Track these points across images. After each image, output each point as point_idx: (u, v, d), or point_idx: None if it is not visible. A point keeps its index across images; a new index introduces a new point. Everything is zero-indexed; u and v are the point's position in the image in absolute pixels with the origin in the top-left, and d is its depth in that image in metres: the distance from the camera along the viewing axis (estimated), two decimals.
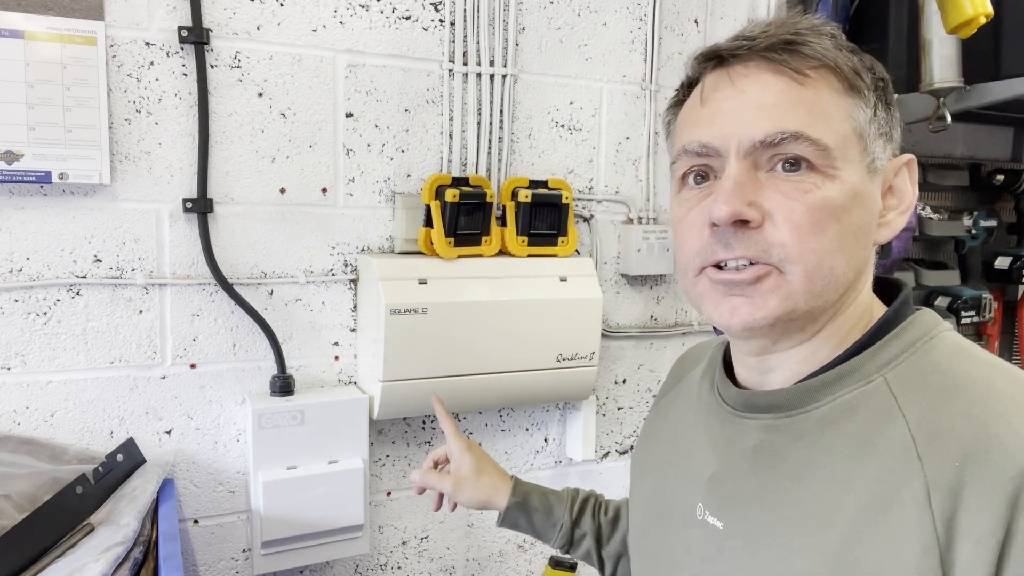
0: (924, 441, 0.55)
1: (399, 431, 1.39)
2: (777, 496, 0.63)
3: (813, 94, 0.61)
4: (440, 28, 1.34)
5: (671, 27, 1.56)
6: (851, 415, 0.60)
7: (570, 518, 0.99)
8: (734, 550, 0.65)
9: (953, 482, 0.53)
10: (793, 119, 0.60)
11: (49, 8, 1.06)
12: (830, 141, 0.60)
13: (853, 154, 0.61)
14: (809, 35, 0.62)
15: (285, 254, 1.26)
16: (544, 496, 1.01)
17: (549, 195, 1.36)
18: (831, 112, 0.61)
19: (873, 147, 0.63)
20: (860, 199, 0.61)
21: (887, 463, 0.56)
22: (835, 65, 0.61)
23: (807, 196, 0.59)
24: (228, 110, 1.20)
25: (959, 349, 0.61)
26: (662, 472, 0.79)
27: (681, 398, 0.82)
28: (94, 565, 0.87)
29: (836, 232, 0.60)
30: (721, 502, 0.67)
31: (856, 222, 0.61)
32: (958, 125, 1.86)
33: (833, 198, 0.59)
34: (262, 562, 1.22)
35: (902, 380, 0.60)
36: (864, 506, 0.56)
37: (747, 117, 0.61)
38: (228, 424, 1.25)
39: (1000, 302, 1.97)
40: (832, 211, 0.59)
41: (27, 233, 1.10)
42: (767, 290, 0.60)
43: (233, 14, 1.19)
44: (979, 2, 1.23)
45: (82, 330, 1.14)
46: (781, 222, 0.59)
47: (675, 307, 1.63)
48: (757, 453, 0.65)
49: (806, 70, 0.61)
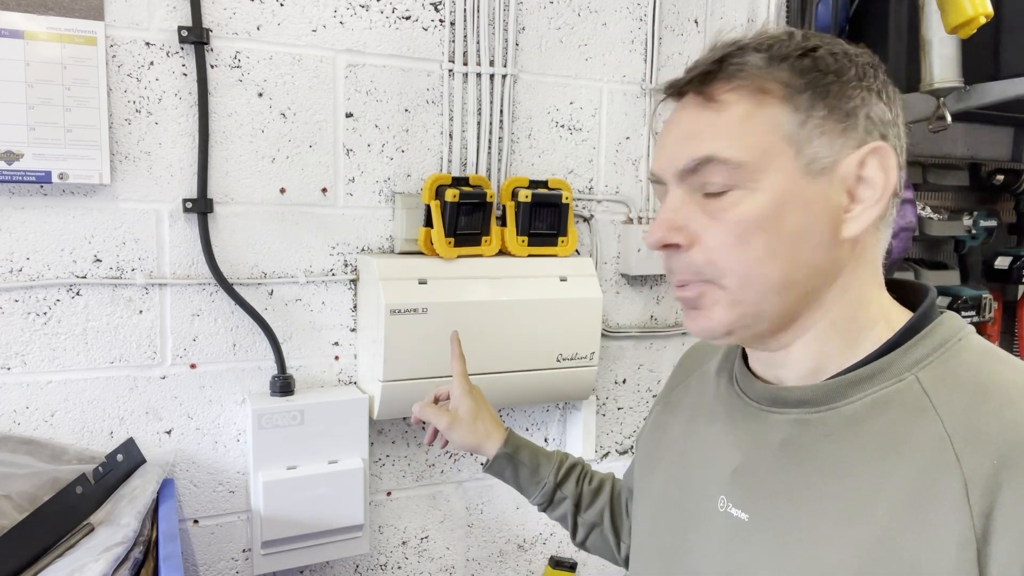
0: (961, 440, 0.57)
1: (399, 431, 1.39)
2: (806, 490, 0.64)
3: (726, 116, 0.64)
4: (440, 28, 1.34)
5: (671, 27, 1.56)
6: (883, 412, 0.62)
7: (554, 480, 1.03)
8: (762, 542, 0.66)
9: (990, 480, 0.55)
10: (705, 144, 0.64)
11: (49, 8, 1.06)
12: (744, 156, 0.63)
13: (780, 162, 0.63)
14: (734, 56, 0.65)
15: (285, 254, 1.26)
16: (534, 454, 1.05)
17: (549, 195, 1.36)
18: (746, 128, 0.63)
19: (811, 149, 0.63)
20: (793, 204, 0.63)
21: (922, 460, 0.58)
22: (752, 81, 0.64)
23: (726, 215, 0.63)
24: (228, 110, 1.20)
25: (987, 351, 0.64)
26: (675, 466, 0.80)
27: (692, 392, 0.84)
28: (94, 565, 0.87)
29: (763, 241, 0.63)
30: (746, 495, 0.69)
31: (791, 227, 0.63)
32: (958, 125, 1.86)
33: (752, 211, 0.63)
34: (262, 562, 1.22)
35: (934, 379, 0.62)
36: (900, 502, 0.58)
37: (674, 147, 0.67)
38: (228, 424, 1.25)
39: (1000, 302, 1.97)
40: (754, 223, 0.63)
41: (27, 233, 1.10)
42: (710, 304, 0.66)
43: (233, 14, 1.19)
44: (979, 2, 1.23)
45: (82, 330, 1.15)
46: (707, 243, 0.65)
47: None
48: (785, 447, 0.67)
49: (720, 94, 0.65)
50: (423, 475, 1.42)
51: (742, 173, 0.63)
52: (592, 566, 1.60)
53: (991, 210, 1.92)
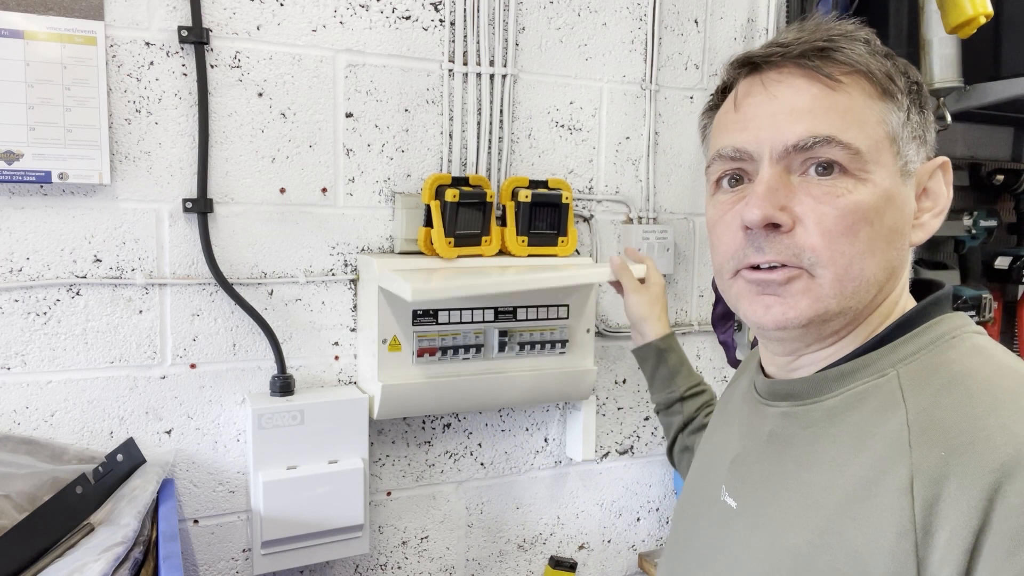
0: (918, 431, 0.57)
1: (399, 431, 1.39)
2: (782, 479, 0.65)
3: (846, 99, 0.62)
4: (440, 28, 1.34)
5: (671, 27, 1.56)
6: (859, 406, 0.62)
7: (681, 394, 1.11)
8: (741, 528, 0.68)
9: (937, 471, 0.54)
10: (825, 123, 0.61)
11: (49, 8, 1.06)
12: (862, 145, 0.61)
13: (886, 158, 0.62)
14: (842, 41, 0.63)
15: (285, 254, 1.26)
16: (681, 363, 1.14)
17: (549, 195, 1.36)
18: (864, 117, 0.62)
19: (906, 150, 0.63)
20: (892, 202, 0.62)
21: (881, 451, 0.58)
22: (868, 70, 0.63)
23: (838, 200, 0.61)
24: (228, 110, 1.20)
25: (978, 350, 0.62)
26: (701, 457, 0.84)
27: (730, 390, 0.87)
28: (94, 565, 0.87)
29: (867, 235, 0.61)
30: (737, 483, 0.71)
31: (888, 224, 0.62)
32: (958, 125, 1.87)
33: (864, 201, 0.61)
34: (262, 562, 1.22)
35: (912, 375, 0.61)
36: (852, 490, 0.58)
37: (780, 122, 0.63)
38: (228, 424, 1.25)
39: (1000, 302, 1.97)
40: (863, 214, 0.61)
41: (27, 233, 1.10)
42: (797, 292, 0.62)
43: (233, 14, 1.19)
44: (979, 2, 1.23)
45: (82, 330, 1.14)
46: (812, 226, 0.61)
47: (675, 307, 1.63)
48: (771, 438, 0.68)
49: (839, 76, 0.62)
50: (423, 475, 1.42)
51: (858, 161, 0.61)
52: (592, 566, 1.60)
53: (991, 210, 1.91)
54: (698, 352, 1.66)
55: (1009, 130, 2.06)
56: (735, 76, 0.69)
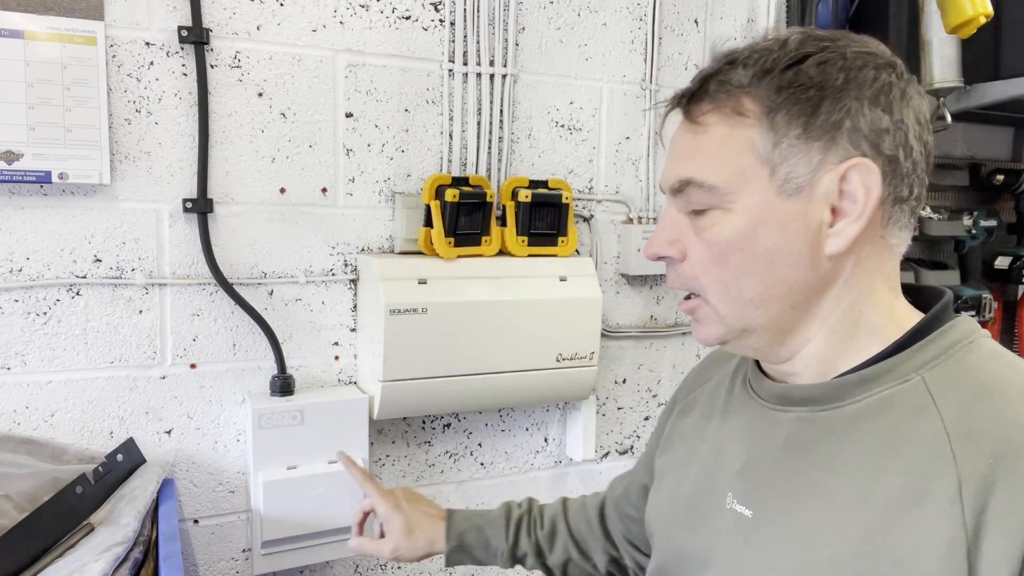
0: (958, 438, 0.58)
1: (399, 431, 1.39)
2: (806, 486, 0.65)
3: (705, 138, 0.66)
4: (440, 28, 1.34)
5: (671, 27, 1.56)
6: (886, 410, 0.63)
7: (507, 544, 1.03)
8: (763, 538, 0.67)
9: (985, 478, 0.55)
10: (687, 166, 0.67)
11: (49, 8, 1.06)
12: (717, 180, 0.65)
13: (755, 183, 0.64)
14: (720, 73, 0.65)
15: (285, 254, 1.26)
16: (479, 531, 1.04)
17: (549, 195, 1.36)
18: (722, 150, 0.65)
19: (785, 168, 0.63)
20: (767, 224, 0.64)
21: (920, 457, 0.59)
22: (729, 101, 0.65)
23: (706, 234, 0.66)
24: (228, 110, 1.20)
25: (996, 354, 0.64)
26: (689, 465, 0.81)
27: (707, 395, 0.85)
28: (94, 565, 0.87)
29: (739, 260, 0.65)
30: (750, 491, 0.70)
31: (765, 245, 0.64)
32: (958, 125, 1.86)
33: (727, 232, 0.65)
34: (262, 562, 1.22)
35: (939, 380, 0.62)
36: (894, 497, 0.59)
37: (668, 166, 0.71)
38: (228, 424, 1.25)
39: (1000, 302, 1.97)
40: (730, 243, 0.65)
41: (27, 233, 1.10)
42: (702, 316, 0.70)
43: (233, 14, 1.19)
44: (979, 2, 1.23)
45: (82, 330, 1.14)
46: (693, 259, 0.68)
47: (675, 307, 1.63)
48: (788, 444, 0.68)
49: (699, 117, 0.67)
50: (423, 475, 1.42)
51: (718, 195, 0.65)
52: None
53: (991, 210, 1.92)
54: (699, 352, 1.66)
55: (1009, 130, 2.06)
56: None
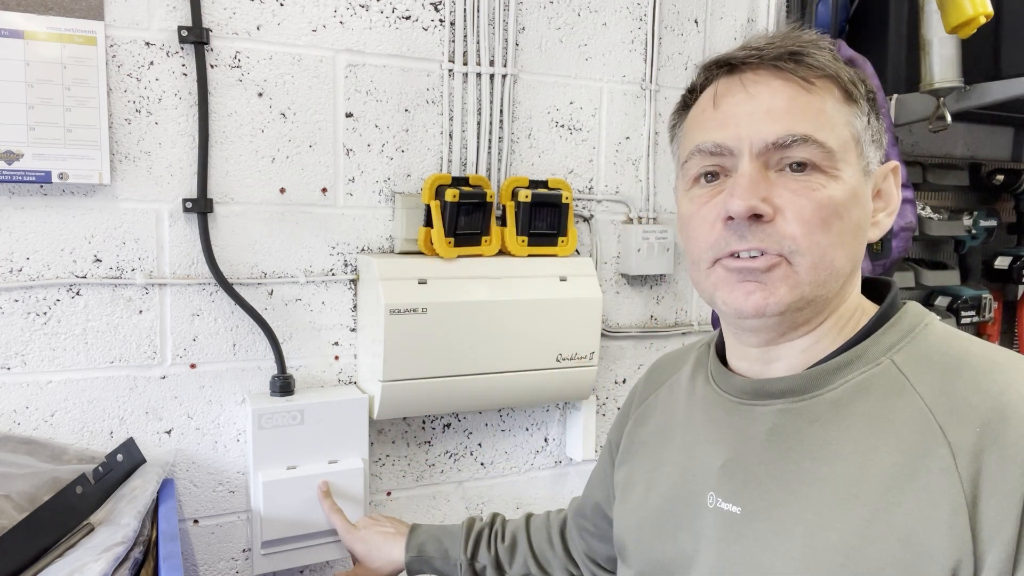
0: (943, 413, 0.61)
1: (399, 431, 1.39)
2: (797, 476, 0.66)
3: (819, 101, 0.66)
4: (440, 28, 1.34)
5: (671, 27, 1.56)
6: (865, 394, 0.65)
7: (466, 556, 1.05)
8: (757, 532, 0.67)
9: (974, 446, 0.58)
10: (802, 123, 0.65)
11: (49, 8, 1.06)
12: (834, 144, 0.65)
13: (852, 157, 0.67)
14: (811, 47, 0.68)
15: (285, 254, 1.26)
16: (439, 541, 1.08)
17: (549, 195, 1.36)
18: (834, 118, 0.66)
19: (867, 152, 0.69)
20: (857, 199, 0.67)
21: (908, 434, 0.61)
22: (836, 75, 0.67)
23: (814, 194, 0.65)
24: (228, 110, 1.20)
25: (952, 334, 0.68)
26: (657, 474, 0.80)
27: (663, 402, 0.85)
28: (94, 565, 0.87)
29: (838, 228, 0.65)
30: (737, 488, 0.70)
31: (855, 220, 0.67)
32: (958, 125, 1.86)
33: (836, 197, 0.65)
34: (262, 562, 1.22)
35: (908, 361, 0.66)
36: (890, 475, 0.61)
37: (759, 120, 0.66)
38: (228, 424, 1.25)
39: (1000, 302, 1.97)
40: (835, 209, 0.65)
41: (27, 233, 1.10)
42: (778, 279, 0.66)
43: (233, 14, 1.19)
44: (979, 2, 1.23)
45: (82, 330, 1.14)
46: (791, 217, 0.65)
47: (675, 307, 1.63)
48: (772, 437, 0.69)
49: (812, 79, 0.67)
50: (423, 475, 1.42)
51: (830, 159, 0.65)
52: None
53: (991, 210, 1.92)
54: None
55: (1009, 130, 2.06)
56: (711, 76, 0.72)
